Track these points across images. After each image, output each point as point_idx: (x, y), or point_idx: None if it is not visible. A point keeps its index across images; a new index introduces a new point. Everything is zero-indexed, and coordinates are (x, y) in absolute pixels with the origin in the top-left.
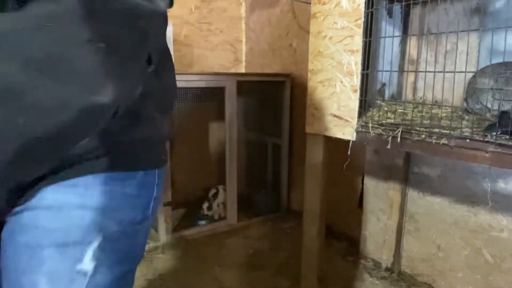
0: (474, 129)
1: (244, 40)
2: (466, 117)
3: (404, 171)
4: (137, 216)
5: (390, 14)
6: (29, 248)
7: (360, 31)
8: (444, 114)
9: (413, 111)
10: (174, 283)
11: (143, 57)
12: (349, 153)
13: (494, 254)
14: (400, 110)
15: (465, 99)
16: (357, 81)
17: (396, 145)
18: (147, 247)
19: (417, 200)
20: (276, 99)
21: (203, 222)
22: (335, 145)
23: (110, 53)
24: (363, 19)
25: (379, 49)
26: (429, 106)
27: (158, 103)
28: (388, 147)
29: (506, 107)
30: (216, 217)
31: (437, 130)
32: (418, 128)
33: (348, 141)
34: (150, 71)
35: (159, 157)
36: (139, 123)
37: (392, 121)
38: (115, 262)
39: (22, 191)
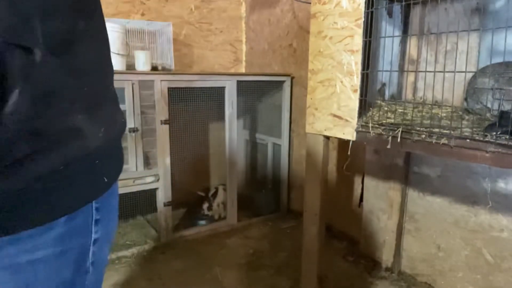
0: (474, 129)
1: (244, 40)
2: (466, 117)
3: (404, 171)
4: (65, 278)
5: (390, 14)
6: None
7: (360, 31)
8: (444, 114)
9: (413, 111)
10: (174, 283)
11: None
12: (349, 153)
13: (494, 254)
14: (400, 110)
15: (465, 99)
16: (357, 81)
17: (396, 145)
18: (147, 247)
19: (417, 200)
20: (276, 99)
21: (203, 222)
22: (335, 145)
23: None
24: (363, 19)
25: (379, 49)
26: (429, 106)
27: (76, 101)
28: (388, 147)
29: (506, 107)
30: (216, 217)
31: (437, 130)
32: (418, 128)
33: (348, 141)
34: (40, 60)
35: (94, 183)
36: (46, 145)
37: (392, 121)
38: None
39: None
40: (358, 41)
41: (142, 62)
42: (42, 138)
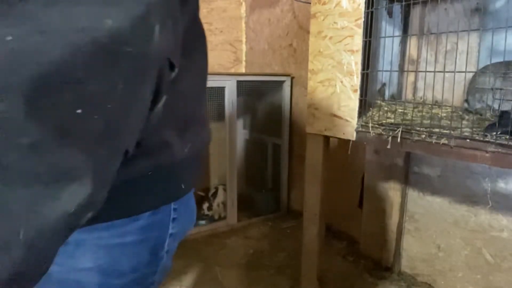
0: (474, 129)
1: (244, 40)
2: (466, 117)
3: (404, 171)
4: (143, 261)
5: (390, 14)
6: None
7: (360, 31)
8: (444, 114)
9: (413, 111)
10: (174, 283)
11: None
12: (349, 153)
13: (494, 254)
14: (400, 110)
15: (466, 99)
16: (357, 81)
17: (396, 145)
18: None
19: (417, 200)
20: (276, 99)
21: (203, 222)
22: (335, 145)
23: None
24: (363, 19)
25: (379, 49)
26: (429, 106)
27: (169, 120)
28: (388, 147)
29: (506, 106)
30: (216, 217)
31: (437, 130)
32: (418, 128)
33: (348, 141)
34: (173, 78)
35: (175, 188)
36: (141, 153)
37: (392, 121)
38: None
39: None
40: (358, 41)
41: None
42: (140, 146)
